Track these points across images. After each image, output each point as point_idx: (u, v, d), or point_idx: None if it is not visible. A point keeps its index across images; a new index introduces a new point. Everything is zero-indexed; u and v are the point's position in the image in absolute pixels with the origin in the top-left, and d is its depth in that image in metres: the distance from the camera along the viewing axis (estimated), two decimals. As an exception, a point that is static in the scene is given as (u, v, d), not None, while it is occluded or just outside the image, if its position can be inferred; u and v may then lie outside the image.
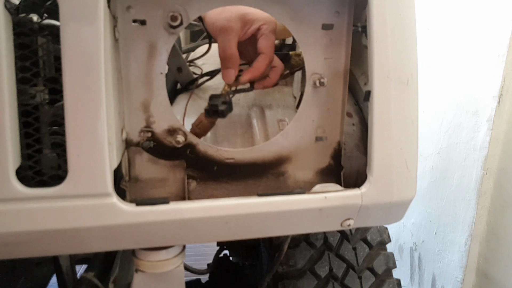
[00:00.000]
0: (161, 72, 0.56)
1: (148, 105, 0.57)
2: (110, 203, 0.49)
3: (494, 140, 1.40)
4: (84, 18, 0.45)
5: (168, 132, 0.58)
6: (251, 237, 0.59)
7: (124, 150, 0.57)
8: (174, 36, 0.56)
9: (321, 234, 1.03)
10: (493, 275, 1.44)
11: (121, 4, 0.53)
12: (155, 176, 0.60)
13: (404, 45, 0.56)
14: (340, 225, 0.60)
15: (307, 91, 0.62)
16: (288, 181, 0.64)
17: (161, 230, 0.53)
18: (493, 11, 1.36)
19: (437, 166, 1.70)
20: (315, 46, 0.60)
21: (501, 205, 1.40)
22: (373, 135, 0.56)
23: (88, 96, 0.46)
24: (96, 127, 0.46)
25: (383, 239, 1.05)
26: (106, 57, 0.46)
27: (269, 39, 0.63)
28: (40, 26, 0.49)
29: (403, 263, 1.98)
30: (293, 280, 0.99)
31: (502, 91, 1.36)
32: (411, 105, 0.58)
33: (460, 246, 1.55)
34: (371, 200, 0.57)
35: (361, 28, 0.58)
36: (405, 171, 0.58)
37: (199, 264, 1.46)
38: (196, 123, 0.63)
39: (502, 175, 1.39)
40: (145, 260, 0.61)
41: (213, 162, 0.61)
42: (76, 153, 0.47)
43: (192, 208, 0.53)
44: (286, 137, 0.62)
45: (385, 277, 1.03)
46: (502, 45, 1.33)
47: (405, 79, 0.56)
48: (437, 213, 1.71)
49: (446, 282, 1.64)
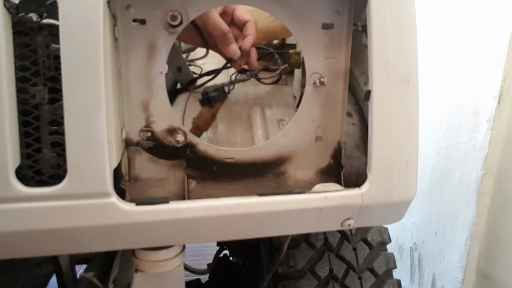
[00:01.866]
0: (161, 72, 0.56)
1: (148, 105, 0.57)
2: (109, 203, 0.49)
3: (494, 140, 1.40)
4: (83, 17, 0.45)
5: (168, 131, 0.58)
6: (251, 237, 0.58)
7: (123, 149, 0.57)
8: (174, 35, 0.56)
9: (321, 235, 1.03)
10: (493, 275, 1.44)
11: (120, 3, 0.53)
12: (154, 175, 0.59)
13: (404, 45, 0.56)
14: (340, 225, 0.60)
15: (307, 91, 0.61)
16: (288, 181, 0.64)
17: (161, 230, 0.53)
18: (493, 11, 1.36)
19: (437, 166, 1.70)
20: (315, 46, 0.60)
21: (501, 205, 1.40)
22: (373, 134, 0.56)
23: (87, 96, 0.46)
24: (95, 126, 0.46)
25: (384, 240, 1.05)
26: (106, 56, 0.46)
27: (242, 8, 0.65)
28: (39, 25, 0.49)
29: (403, 263, 1.98)
30: (293, 281, 0.99)
31: (502, 91, 1.36)
32: (412, 105, 0.58)
33: (460, 246, 1.55)
34: (371, 200, 0.57)
35: (361, 28, 0.58)
36: (405, 171, 0.58)
37: (199, 264, 1.46)
38: (197, 117, 0.63)
39: (502, 175, 1.39)
40: (145, 260, 0.61)
41: (213, 162, 0.60)
42: (75, 153, 0.46)
43: (192, 208, 0.53)
44: (286, 137, 0.62)
45: (386, 277, 1.03)
46: (502, 45, 1.33)
47: (405, 79, 0.56)
48: (437, 213, 1.71)
49: (446, 282, 1.64)
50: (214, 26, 0.61)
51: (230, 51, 0.63)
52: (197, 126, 0.62)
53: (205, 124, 0.63)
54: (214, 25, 0.61)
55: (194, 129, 0.62)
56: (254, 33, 0.66)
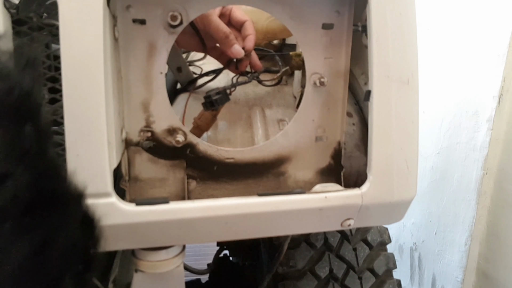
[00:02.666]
0: (161, 72, 0.56)
1: (148, 105, 0.57)
2: (109, 203, 0.49)
3: (494, 140, 1.40)
4: (83, 17, 0.45)
5: (168, 131, 0.58)
6: (251, 237, 0.58)
7: (123, 149, 0.57)
8: (174, 35, 0.56)
9: (321, 235, 1.03)
10: (493, 275, 1.44)
11: (120, 3, 0.53)
12: (155, 176, 0.59)
13: (405, 45, 0.55)
14: (340, 225, 0.60)
15: (307, 91, 0.61)
16: (288, 181, 0.63)
17: (161, 230, 0.53)
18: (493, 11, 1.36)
19: (437, 166, 1.70)
20: (315, 46, 0.60)
21: (501, 205, 1.40)
22: (373, 135, 0.56)
23: (87, 96, 0.46)
24: (95, 126, 0.46)
25: (384, 240, 1.05)
26: (106, 56, 0.46)
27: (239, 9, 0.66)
28: (39, 25, 0.49)
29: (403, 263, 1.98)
30: (293, 281, 0.99)
31: (502, 91, 1.35)
32: (412, 105, 0.58)
33: (460, 246, 1.55)
34: (371, 200, 0.57)
35: (361, 28, 0.58)
36: (405, 171, 0.58)
37: (199, 264, 1.46)
38: (198, 117, 0.63)
39: (502, 175, 1.39)
40: (145, 260, 0.61)
41: (213, 162, 0.60)
42: (75, 153, 0.46)
43: (192, 208, 0.53)
44: (286, 137, 0.62)
45: (386, 277, 1.03)
46: (502, 45, 1.33)
47: (405, 79, 0.56)
48: (437, 213, 1.71)
49: (446, 282, 1.64)
50: (216, 29, 0.62)
51: (234, 51, 0.63)
52: (198, 126, 0.62)
53: (206, 124, 0.63)
54: (216, 28, 0.62)
55: (195, 130, 0.62)
56: (254, 33, 0.66)
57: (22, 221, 0.26)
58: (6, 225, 0.25)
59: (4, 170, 0.25)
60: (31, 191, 0.27)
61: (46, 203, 0.28)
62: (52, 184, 0.30)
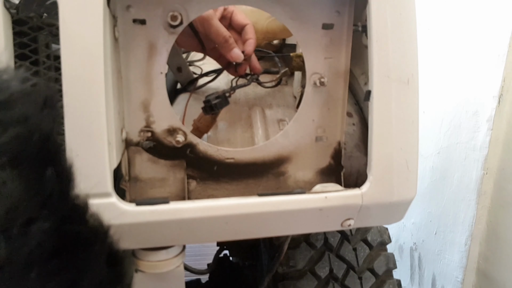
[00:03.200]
0: (161, 72, 0.56)
1: (148, 105, 0.57)
2: (110, 203, 0.49)
3: (494, 140, 1.39)
4: (83, 17, 0.45)
5: (168, 132, 0.58)
6: (251, 237, 0.58)
7: (124, 150, 0.57)
8: (174, 35, 0.56)
9: (321, 235, 1.03)
10: (493, 275, 1.44)
11: (120, 3, 0.53)
12: (155, 176, 0.59)
13: (405, 45, 0.55)
14: (340, 225, 0.60)
15: (307, 91, 0.61)
16: (288, 181, 0.63)
17: (161, 230, 0.53)
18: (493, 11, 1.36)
19: (437, 166, 1.70)
20: (316, 46, 0.60)
21: (501, 205, 1.40)
22: (374, 135, 0.56)
23: (87, 96, 0.46)
24: (95, 126, 0.46)
25: (384, 240, 1.05)
26: (106, 56, 0.46)
27: (240, 12, 0.66)
28: (39, 25, 0.49)
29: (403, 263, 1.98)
30: (293, 281, 0.99)
31: (502, 91, 1.35)
32: (412, 105, 0.58)
33: (460, 246, 1.55)
34: (371, 200, 0.57)
35: (362, 28, 0.58)
36: (405, 171, 0.58)
37: (199, 264, 1.46)
38: (197, 119, 0.63)
39: (502, 175, 1.39)
40: (145, 260, 0.61)
41: (213, 162, 0.60)
42: (75, 153, 0.46)
43: (192, 208, 0.53)
44: (286, 137, 0.62)
45: (386, 277, 1.03)
46: (502, 45, 1.33)
47: (405, 79, 0.56)
48: (437, 213, 1.71)
49: (446, 282, 1.64)
50: (216, 32, 0.62)
51: (233, 55, 0.63)
52: (197, 128, 0.62)
53: (205, 126, 0.63)
54: (216, 32, 0.62)
55: (195, 131, 0.62)
56: (254, 37, 0.66)
57: (48, 267, 0.26)
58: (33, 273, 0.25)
59: (27, 216, 0.25)
60: (56, 236, 0.26)
61: (71, 246, 0.28)
62: (76, 226, 0.29)
